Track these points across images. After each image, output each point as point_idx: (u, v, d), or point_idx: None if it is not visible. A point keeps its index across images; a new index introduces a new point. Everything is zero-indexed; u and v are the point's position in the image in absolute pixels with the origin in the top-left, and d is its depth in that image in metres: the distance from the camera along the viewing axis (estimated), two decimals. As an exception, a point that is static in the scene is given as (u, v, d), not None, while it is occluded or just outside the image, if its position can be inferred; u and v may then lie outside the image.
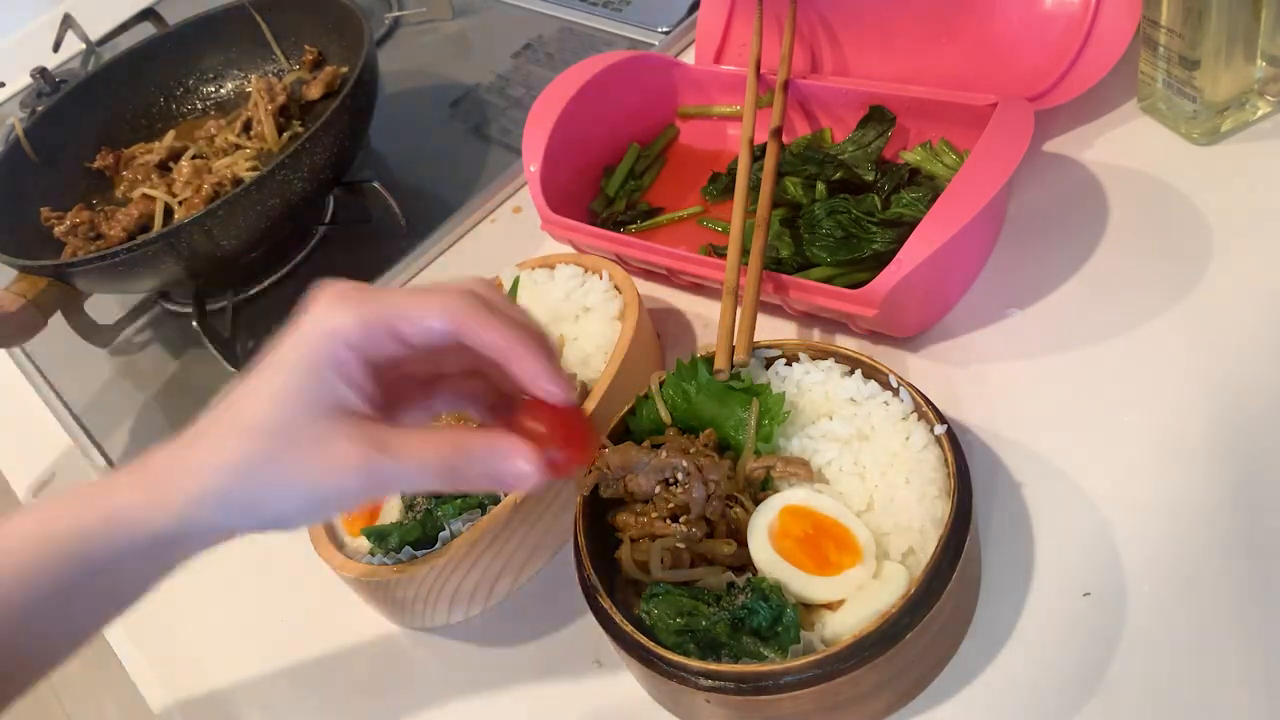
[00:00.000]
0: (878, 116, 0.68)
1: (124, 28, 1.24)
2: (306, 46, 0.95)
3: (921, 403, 0.50)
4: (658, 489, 0.50)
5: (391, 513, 0.57)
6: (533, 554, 0.57)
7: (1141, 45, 0.63)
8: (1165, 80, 0.63)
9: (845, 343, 0.62)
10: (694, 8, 0.90)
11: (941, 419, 0.49)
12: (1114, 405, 0.53)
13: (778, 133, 0.66)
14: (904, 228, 0.59)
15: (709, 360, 0.54)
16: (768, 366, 0.55)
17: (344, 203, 0.89)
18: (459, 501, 0.55)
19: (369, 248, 0.84)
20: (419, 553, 0.54)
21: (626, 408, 0.54)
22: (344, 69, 0.92)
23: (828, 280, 0.60)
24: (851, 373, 0.53)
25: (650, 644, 0.45)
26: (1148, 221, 0.61)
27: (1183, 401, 0.52)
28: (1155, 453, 0.51)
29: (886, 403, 0.51)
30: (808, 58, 0.77)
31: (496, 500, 0.55)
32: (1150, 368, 0.54)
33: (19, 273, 0.75)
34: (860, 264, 0.62)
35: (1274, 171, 0.60)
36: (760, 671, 0.43)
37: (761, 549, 0.47)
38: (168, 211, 0.84)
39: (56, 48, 1.23)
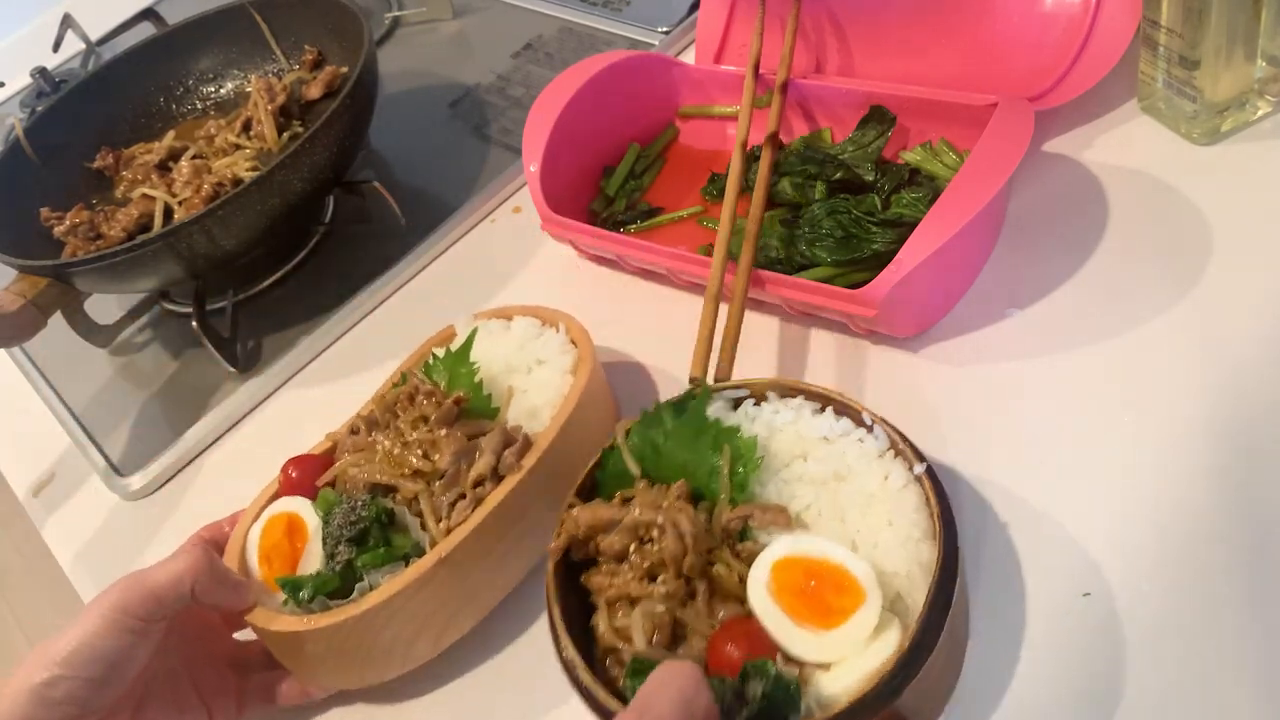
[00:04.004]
0: (878, 116, 0.68)
1: (124, 28, 1.24)
2: (306, 46, 0.95)
3: (898, 440, 0.48)
4: (632, 548, 0.47)
5: (313, 562, 0.54)
6: (455, 618, 0.53)
7: (1141, 45, 0.63)
8: (1165, 80, 0.63)
9: (845, 343, 0.62)
10: (694, 8, 0.90)
11: (920, 457, 0.47)
12: (1114, 405, 0.53)
13: (774, 137, 0.66)
14: (904, 228, 0.59)
15: (676, 405, 0.51)
16: (736, 407, 0.52)
17: (344, 203, 0.89)
18: (382, 552, 0.52)
19: (369, 248, 0.84)
20: (334, 604, 0.51)
21: (593, 461, 0.52)
22: (344, 69, 0.92)
23: (828, 280, 0.60)
24: (822, 410, 0.51)
25: None
26: (1148, 221, 0.60)
27: (1182, 401, 0.52)
28: (1155, 452, 0.51)
29: (861, 440, 0.49)
30: (808, 57, 0.77)
31: (422, 552, 0.52)
32: (1150, 367, 0.54)
33: (19, 273, 0.75)
34: (860, 264, 0.62)
35: (1274, 171, 0.60)
36: None
37: (770, 614, 0.43)
38: (168, 211, 0.84)
39: (56, 48, 1.23)
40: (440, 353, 0.61)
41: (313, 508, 0.56)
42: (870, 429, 0.49)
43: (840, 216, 0.63)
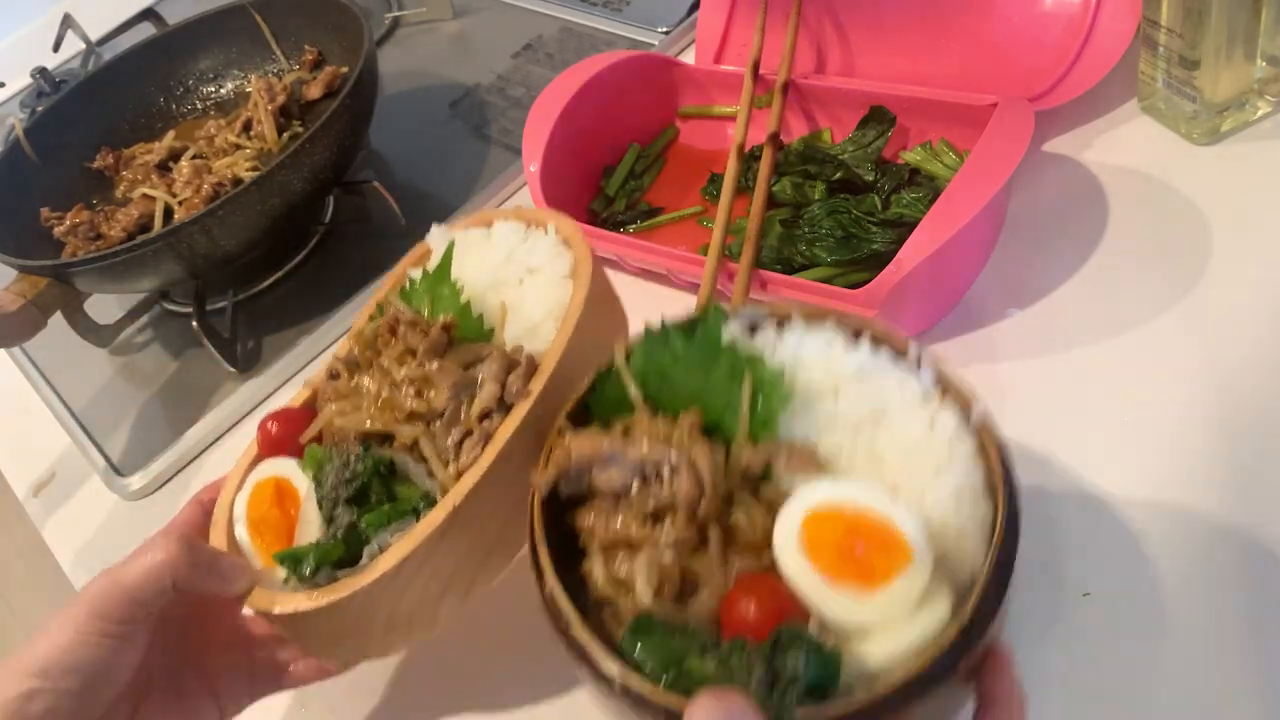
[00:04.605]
0: (878, 116, 0.68)
1: (124, 28, 1.24)
2: (306, 46, 0.96)
3: (948, 378, 0.41)
4: (635, 486, 0.40)
5: (310, 529, 0.48)
6: (483, 566, 0.47)
7: (1141, 45, 0.63)
8: (1165, 80, 0.63)
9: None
10: (694, 8, 0.90)
11: (976, 398, 0.41)
12: (1114, 404, 0.53)
13: (774, 137, 0.66)
14: (904, 228, 0.59)
15: (687, 325, 0.44)
16: (752, 332, 0.45)
17: (344, 203, 0.89)
18: (387, 509, 0.46)
19: (369, 248, 0.84)
20: (341, 574, 0.45)
21: (586, 385, 0.45)
22: (344, 69, 0.92)
23: (827, 280, 0.60)
24: (856, 340, 0.43)
25: (654, 691, 0.36)
26: (1148, 221, 0.60)
27: (1183, 400, 0.52)
28: (1155, 452, 0.51)
29: (902, 376, 0.42)
30: (807, 57, 0.77)
31: (432, 502, 0.46)
32: (1151, 367, 0.54)
33: (19, 273, 0.75)
34: (860, 264, 0.62)
35: (1274, 171, 0.60)
36: None
37: (803, 574, 0.38)
38: (168, 211, 0.84)
39: (56, 48, 1.23)
40: (417, 275, 0.55)
41: (299, 468, 0.50)
42: (916, 365, 0.42)
43: (840, 216, 0.63)
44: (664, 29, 0.92)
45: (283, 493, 0.49)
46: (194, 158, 0.89)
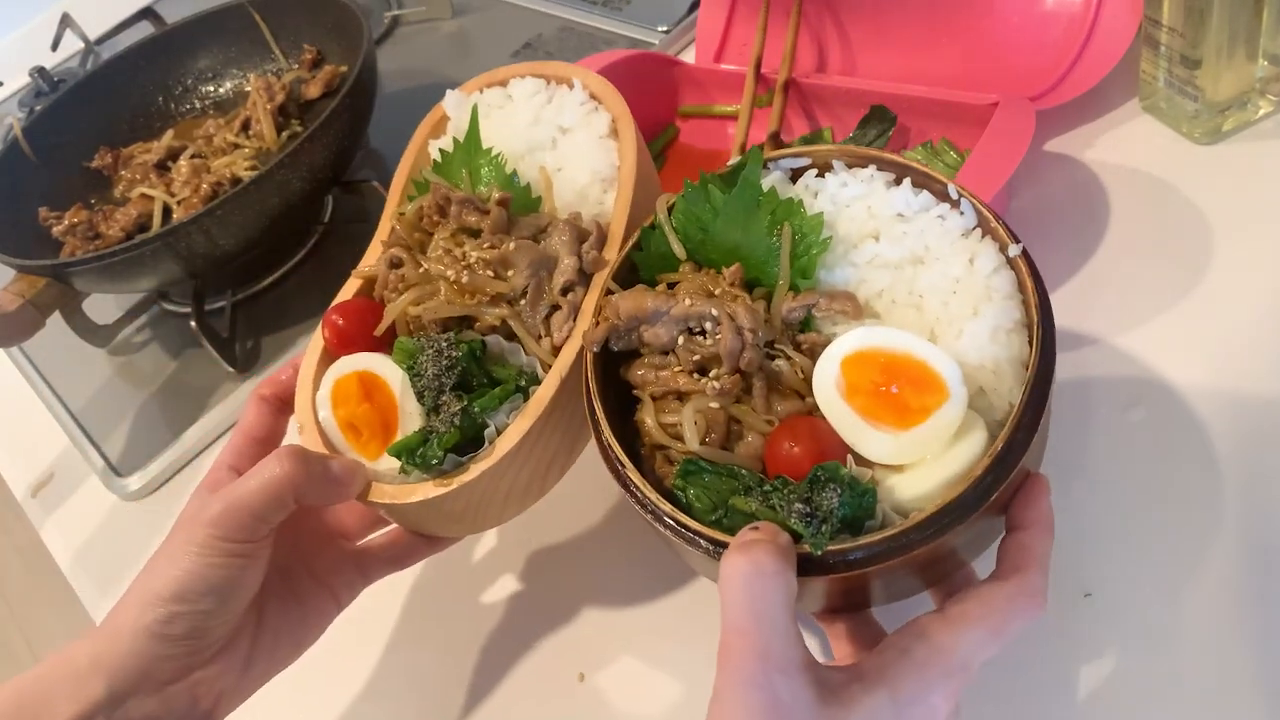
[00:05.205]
0: (878, 116, 0.68)
1: (123, 27, 1.24)
2: (305, 46, 0.95)
3: (989, 217, 0.42)
4: (681, 339, 0.42)
5: (412, 421, 0.48)
6: (580, 432, 0.48)
7: (1143, 44, 0.63)
8: (1166, 79, 0.62)
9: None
10: (694, 7, 0.90)
11: (1014, 237, 0.41)
12: (1115, 404, 0.53)
13: (775, 136, 0.66)
14: (905, 227, 0.59)
15: (726, 175, 0.45)
16: (795, 179, 0.45)
17: (343, 202, 0.88)
18: (497, 391, 0.47)
19: (368, 247, 0.84)
20: (463, 458, 0.46)
21: (631, 242, 0.46)
22: (343, 68, 0.91)
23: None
24: (898, 182, 0.44)
25: (703, 528, 0.38)
26: (1149, 221, 0.60)
27: (1184, 400, 0.52)
28: (1156, 452, 0.50)
29: (942, 218, 0.42)
30: (808, 57, 0.76)
31: (535, 380, 0.47)
32: (1151, 366, 0.54)
33: (17, 272, 0.75)
34: (861, 264, 0.62)
35: (1275, 171, 0.60)
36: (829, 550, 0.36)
37: (840, 414, 0.39)
38: (166, 211, 0.84)
39: (55, 47, 1.22)
40: (443, 146, 0.53)
41: (388, 361, 0.49)
42: (956, 204, 0.43)
43: (841, 216, 0.63)
44: (664, 28, 0.92)
45: (372, 387, 0.48)
46: (193, 157, 0.89)
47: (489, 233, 0.48)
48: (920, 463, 0.38)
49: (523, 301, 0.48)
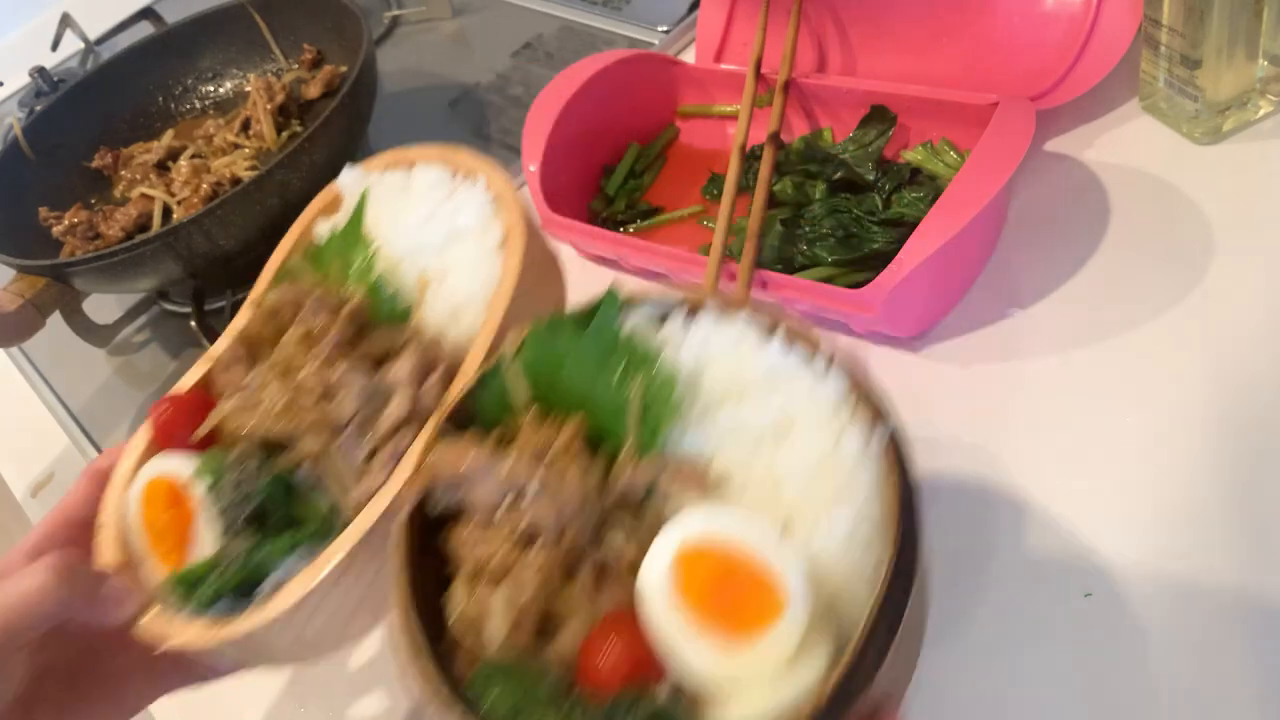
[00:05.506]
0: (879, 116, 0.68)
1: (123, 27, 1.24)
2: (305, 45, 0.95)
3: (860, 387, 0.36)
4: (506, 502, 0.36)
5: (207, 545, 0.43)
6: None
7: (1143, 44, 0.63)
8: (1167, 79, 0.62)
9: (844, 344, 0.61)
10: (694, 6, 0.90)
11: (884, 415, 0.35)
12: (1116, 404, 0.53)
13: (775, 137, 0.66)
14: (905, 227, 0.59)
15: (585, 315, 0.39)
16: (661, 322, 0.40)
17: (343, 202, 0.88)
18: (287, 537, 0.41)
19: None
20: (243, 602, 0.41)
21: (472, 381, 0.40)
22: (343, 68, 0.91)
23: (828, 280, 0.60)
24: (772, 335, 0.38)
25: None
26: (1149, 221, 0.60)
27: (1185, 400, 0.52)
28: (1158, 451, 0.50)
29: (814, 386, 0.37)
30: (808, 57, 0.76)
31: (342, 523, 0.41)
32: (1152, 368, 0.54)
33: (17, 272, 0.75)
34: (861, 263, 0.62)
35: (1276, 171, 0.60)
36: None
37: (663, 619, 0.33)
38: (166, 211, 0.84)
39: (55, 47, 1.22)
40: (326, 231, 0.48)
41: (194, 468, 0.44)
42: (827, 369, 0.37)
43: (841, 216, 0.63)
44: (664, 28, 0.92)
45: (178, 495, 0.44)
46: (193, 157, 0.89)
47: (328, 344, 0.43)
48: (753, 684, 0.32)
49: (345, 434, 0.41)
